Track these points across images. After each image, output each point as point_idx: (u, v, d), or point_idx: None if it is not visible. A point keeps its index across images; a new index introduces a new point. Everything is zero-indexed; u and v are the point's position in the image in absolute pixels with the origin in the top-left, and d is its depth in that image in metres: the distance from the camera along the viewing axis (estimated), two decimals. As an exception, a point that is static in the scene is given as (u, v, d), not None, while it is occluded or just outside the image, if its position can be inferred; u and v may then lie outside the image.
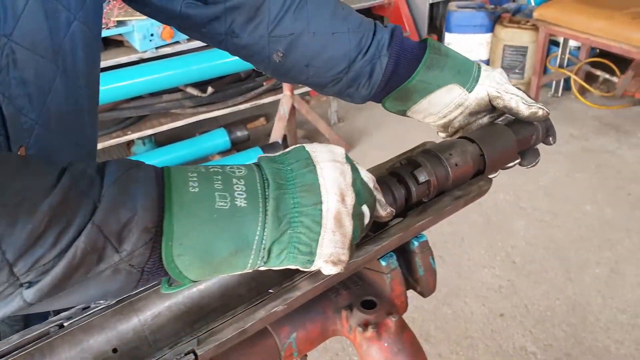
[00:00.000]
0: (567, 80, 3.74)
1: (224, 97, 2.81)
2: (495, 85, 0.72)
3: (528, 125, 0.74)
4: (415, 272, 0.68)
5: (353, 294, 0.65)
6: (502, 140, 0.71)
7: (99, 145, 2.63)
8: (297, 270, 0.51)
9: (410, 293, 0.70)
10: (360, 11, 0.87)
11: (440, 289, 2.22)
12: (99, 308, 0.55)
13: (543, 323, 2.04)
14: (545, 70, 3.64)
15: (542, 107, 0.72)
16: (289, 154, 0.49)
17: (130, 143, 3.08)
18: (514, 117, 0.75)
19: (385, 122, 3.32)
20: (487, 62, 3.99)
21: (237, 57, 0.77)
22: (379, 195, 0.54)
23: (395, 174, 0.64)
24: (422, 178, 0.63)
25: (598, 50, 3.56)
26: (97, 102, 0.68)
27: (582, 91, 3.69)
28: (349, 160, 0.51)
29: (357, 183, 0.50)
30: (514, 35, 3.69)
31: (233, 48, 0.73)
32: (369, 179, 0.53)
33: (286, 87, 2.82)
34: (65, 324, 0.53)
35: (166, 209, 0.41)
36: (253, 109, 3.10)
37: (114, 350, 0.54)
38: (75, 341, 0.54)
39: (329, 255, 0.47)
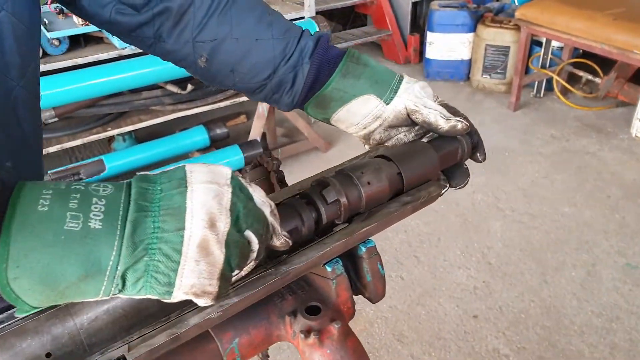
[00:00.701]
0: (549, 81, 3.77)
1: (204, 95, 2.79)
2: (413, 99, 0.70)
3: (451, 141, 0.72)
4: (363, 278, 0.68)
5: (298, 299, 0.65)
6: (421, 158, 0.69)
7: (79, 142, 2.61)
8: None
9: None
10: (343, 9, 0.89)
11: (414, 289, 2.23)
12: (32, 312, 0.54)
13: (517, 325, 2.06)
14: (527, 71, 3.68)
15: (461, 120, 0.69)
16: (166, 173, 0.46)
17: (110, 139, 3.05)
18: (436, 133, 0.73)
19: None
20: (469, 62, 4.01)
21: None
22: (275, 223, 0.51)
23: (304, 195, 0.63)
24: (330, 198, 0.61)
25: (581, 51, 3.60)
26: (36, 96, 0.67)
27: (565, 92, 3.72)
28: (235, 182, 0.47)
29: (239, 207, 0.46)
30: (496, 35, 3.71)
31: (161, 52, 0.73)
32: (263, 203, 0.50)
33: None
34: (-4, 329, 0.52)
35: (4, 228, 0.39)
36: (234, 106, 3.08)
37: (48, 355, 0.54)
38: (7, 345, 0.53)
39: (191, 286, 0.44)
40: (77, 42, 2.52)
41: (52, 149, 2.61)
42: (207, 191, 0.45)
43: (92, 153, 3.17)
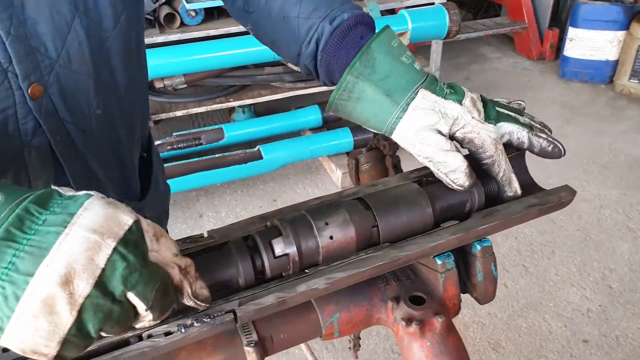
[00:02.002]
0: None
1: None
2: (408, 146, 0.62)
3: (460, 192, 0.61)
4: (473, 277, 0.64)
5: (403, 287, 0.63)
6: (409, 212, 0.58)
7: (203, 109, 2.80)
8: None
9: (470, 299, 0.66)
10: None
11: (518, 300, 2.09)
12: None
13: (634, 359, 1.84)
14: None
15: (464, 176, 0.59)
16: (63, 203, 0.41)
17: (231, 110, 3.24)
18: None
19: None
20: (615, 63, 3.59)
21: None
22: (185, 283, 0.46)
23: (252, 239, 0.55)
24: (278, 251, 0.54)
25: None
26: (133, 49, 0.70)
27: None
28: (132, 236, 0.41)
29: (119, 267, 0.39)
30: (654, 35, 3.27)
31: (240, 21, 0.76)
32: (169, 263, 0.44)
33: (387, 70, 2.76)
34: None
35: None
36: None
37: None
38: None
39: (20, 341, 0.38)
40: (211, 15, 2.69)
41: (178, 113, 2.83)
42: (81, 241, 0.39)
43: (212, 121, 3.39)
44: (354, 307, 0.62)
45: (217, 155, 2.66)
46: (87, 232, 0.39)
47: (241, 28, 2.61)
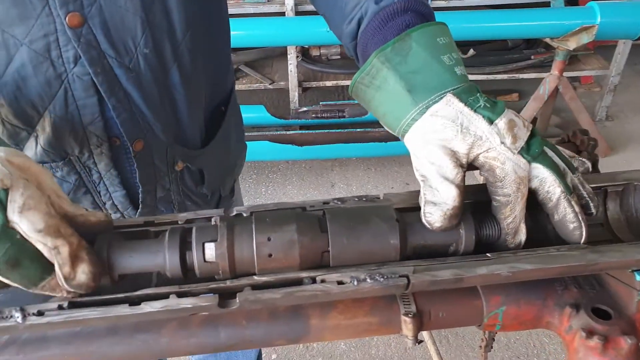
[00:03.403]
0: None
1: (482, 63, 2.68)
2: (412, 155, 0.53)
3: (446, 233, 0.52)
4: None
5: (585, 296, 0.57)
6: (370, 242, 0.50)
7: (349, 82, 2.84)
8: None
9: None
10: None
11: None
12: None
13: None
14: None
15: (441, 216, 0.50)
16: None
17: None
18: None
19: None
20: None
21: (509, 23, 0.71)
22: (56, 267, 0.45)
23: (183, 236, 0.51)
24: (209, 257, 0.50)
25: None
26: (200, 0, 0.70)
27: None
28: None
29: None
30: None
31: None
32: (37, 237, 0.44)
33: (555, 66, 2.52)
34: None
35: None
36: (509, 82, 2.89)
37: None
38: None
39: None
40: None
41: (328, 83, 2.91)
42: None
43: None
44: (524, 304, 0.57)
45: (357, 130, 2.69)
46: None
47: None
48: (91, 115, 0.69)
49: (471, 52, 2.66)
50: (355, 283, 0.49)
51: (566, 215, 0.51)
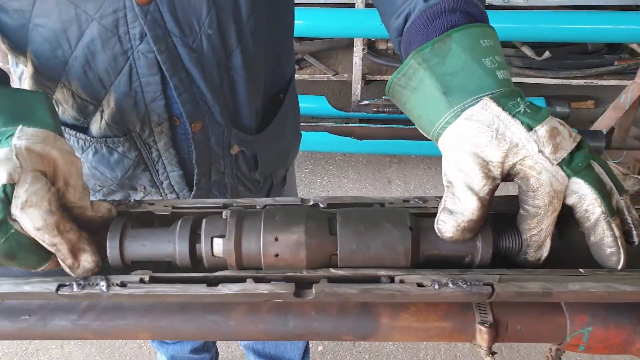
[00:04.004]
0: None
1: (559, 67, 2.54)
2: (443, 159, 0.50)
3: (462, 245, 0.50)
4: None
5: (684, 325, 0.52)
6: (380, 248, 0.49)
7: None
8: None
9: None
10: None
11: None
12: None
13: None
14: None
15: (453, 226, 0.47)
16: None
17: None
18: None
19: None
20: None
21: (590, 25, 0.66)
22: (60, 259, 0.48)
23: (194, 227, 0.52)
24: (216, 252, 0.51)
25: None
26: None
27: None
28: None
29: None
30: None
31: None
32: (35, 235, 0.46)
33: (640, 74, 2.35)
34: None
35: None
36: (585, 88, 2.72)
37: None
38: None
39: None
40: None
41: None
42: None
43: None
44: (613, 327, 0.53)
45: (419, 127, 2.63)
46: None
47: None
48: (153, 93, 0.71)
49: (547, 54, 2.53)
50: (437, 287, 0.48)
51: (604, 238, 0.47)
